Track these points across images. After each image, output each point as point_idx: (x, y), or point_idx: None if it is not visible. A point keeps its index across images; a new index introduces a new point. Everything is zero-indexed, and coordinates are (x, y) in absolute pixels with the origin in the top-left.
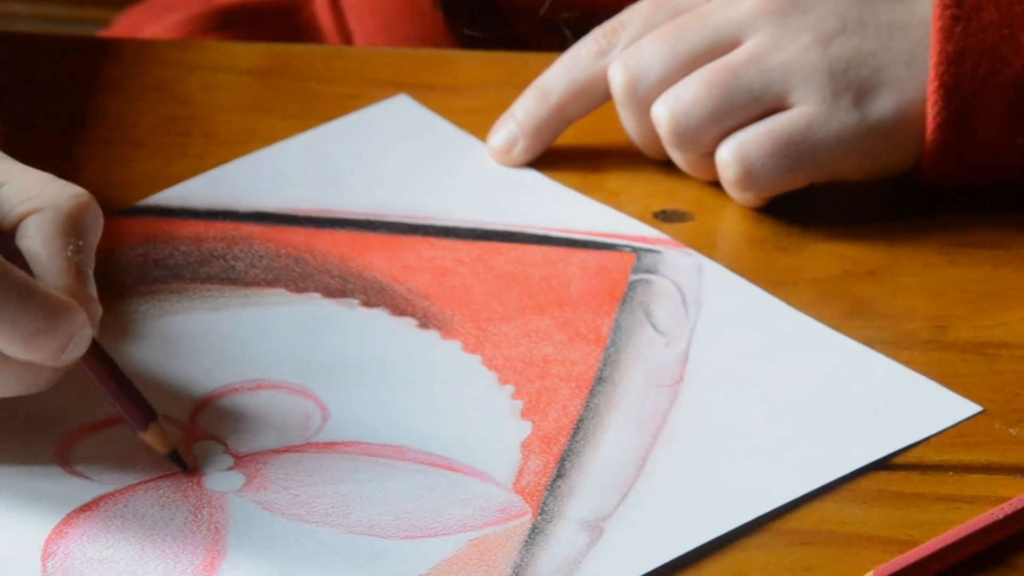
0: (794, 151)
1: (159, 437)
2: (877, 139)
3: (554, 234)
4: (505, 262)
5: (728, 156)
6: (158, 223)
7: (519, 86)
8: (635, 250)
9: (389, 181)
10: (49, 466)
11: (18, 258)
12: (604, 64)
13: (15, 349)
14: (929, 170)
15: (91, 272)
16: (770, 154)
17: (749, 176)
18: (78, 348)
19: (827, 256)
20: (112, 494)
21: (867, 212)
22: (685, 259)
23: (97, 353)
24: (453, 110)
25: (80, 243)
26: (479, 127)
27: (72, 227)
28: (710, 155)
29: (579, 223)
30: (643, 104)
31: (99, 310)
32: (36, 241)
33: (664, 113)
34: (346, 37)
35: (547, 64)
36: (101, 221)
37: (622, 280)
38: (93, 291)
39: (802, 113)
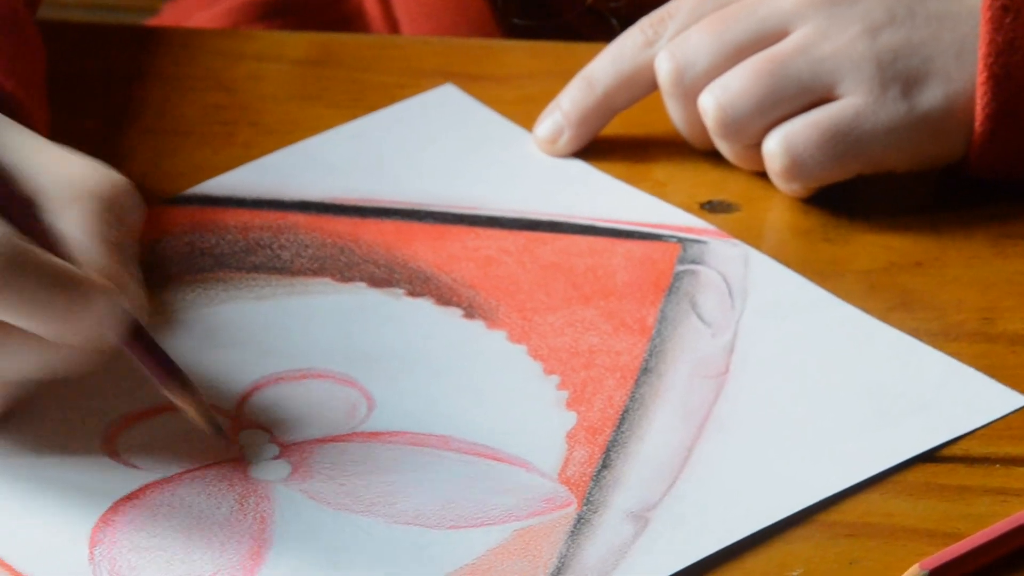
0: (841, 142)
1: (200, 413)
2: (925, 130)
3: (600, 224)
4: (551, 252)
5: (775, 147)
6: (204, 212)
7: (566, 76)
8: (681, 241)
9: (435, 171)
10: (96, 455)
11: (58, 243)
12: (650, 54)
13: (46, 331)
14: (977, 161)
15: (134, 256)
16: (817, 145)
17: (796, 167)
18: (114, 329)
19: (874, 247)
20: (159, 482)
21: (914, 203)
22: (731, 250)
23: (144, 339)
24: (499, 100)
25: (120, 228)
26: (525, 117)
27: (112, 211)
28: (756, 146)
29: (625, 213)
30: (690, 94)
31: (142, 294)
32: (76, 226)
33: (711, 103)
34: (393, 26)
35: (594, 54)
36: (142, 207)
37: (668, 270)
38: (136, 274)
39: (850, 104)
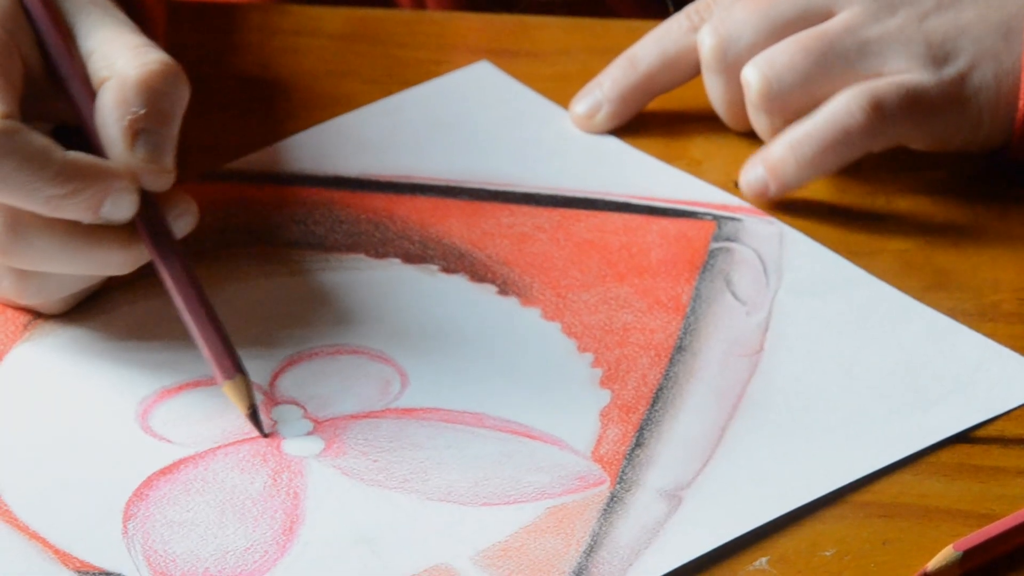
0: (920, 106)
1: (242, 392)
2: (974, 111)
3: (634, 201)
4: (585, 229)
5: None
6: (239, 188)
7: (601, 52)
8: (716, 218)
9: (470, 147)
10: (130, 429)
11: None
12: (695, 38)
13: (42, 211)
14: (1020, 143)
15: (160, 139)
16: (902, 105)
17: (884, 123)
18: (119, 209)
19: (910, 226)
20: (192, 457)
21: (951, 182)
22: (767, 227)
23: (194, 291)
24: (535, 76)
25: (143, 111)
26: (560, 94)
27: (135, 95)
28: (792, 123)
29: (660, 191)
30: (732, 69)
31: (167, 179)
32: (101, 112)
33: (755, 76)
34: (420, 1)
35: (629, 31)
36: (181, 87)
37: (702, 248)
38: (159, 157)
39: (913, 76)
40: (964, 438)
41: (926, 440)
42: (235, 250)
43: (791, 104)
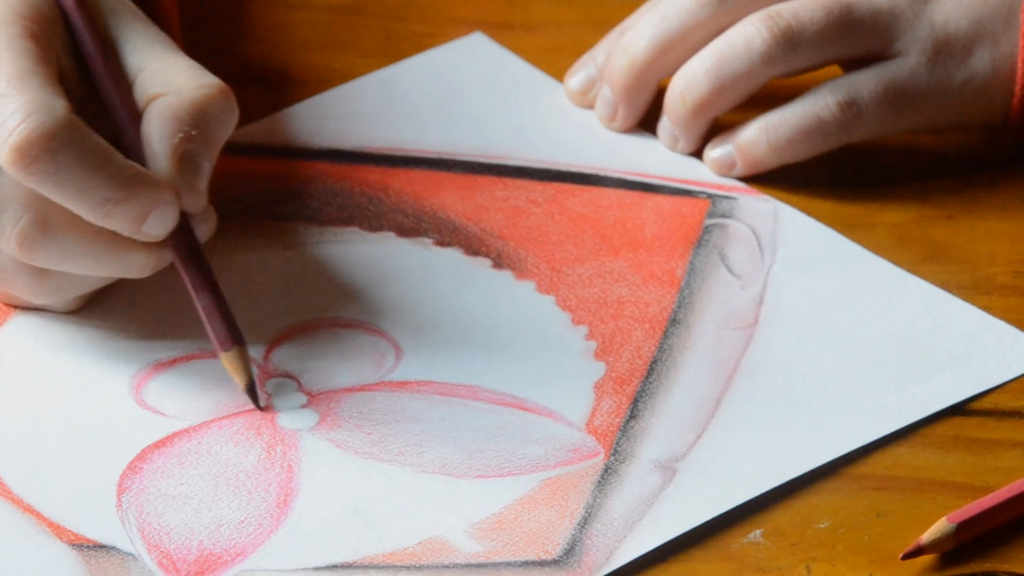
0: (899, 98)
1: (240, 364)
2: (970, 93)
3: (629, 178)
4: (579, 204)
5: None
6: (234, 161)
7: (595, 25)
8: (710, 196)
9: (464, 120)
10: (124, 402)
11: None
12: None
13: (91, 215)
14: (1018, 125)
15: (205, 162)
16: (878, 99)
17: (857, 117)
18: (160, 225)
19: (905, 200)
20: (186, 430)
21: (945, 155)
22: (761, 205)
23: (197, 260)
24: (529, 49)
25: (194, 132)
26: (555, 67)
27: (190, 115)
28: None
29: (654, 168)
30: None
31: (201, 202)
32: (150, 125)
33: (779, 20)
34: None
35: (624, 3)
36: (232, 114)
37: (697, 224)
38: (198, 181)
39: (905, 63)
40: (959, 410)
41: (921, 412)
42: (229, 223)
43: (803, 55)
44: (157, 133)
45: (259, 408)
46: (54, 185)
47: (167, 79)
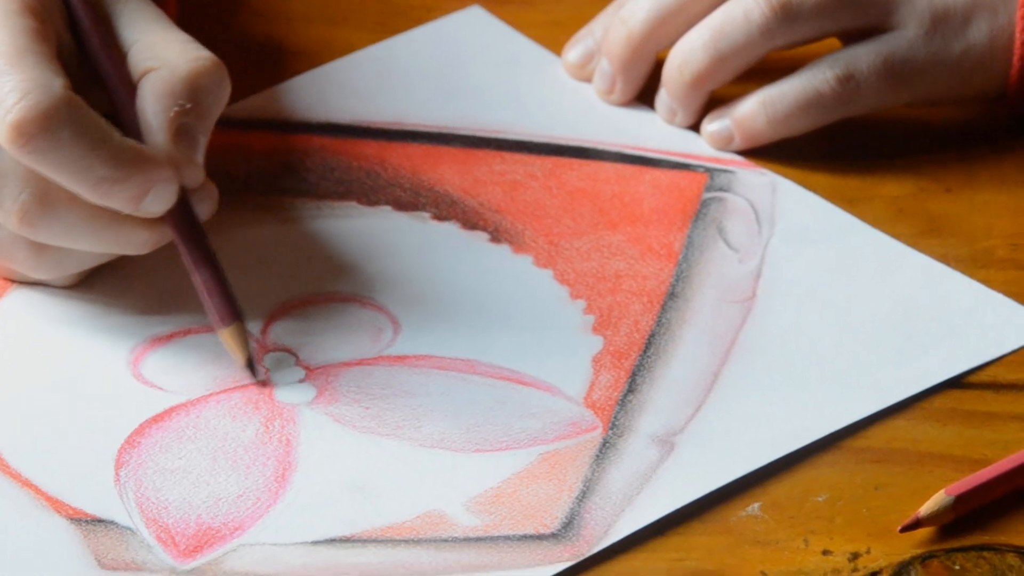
0: (897, 71)
1: (238, 340)
2: (968, 64)
3: (627, 151)
4: (577, 178)
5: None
6: (232, 135)
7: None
8: (708, 170)
9: (461, 94)
10: (122, 376)
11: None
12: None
13: (89, 194)
14: (1016, 95)
15: (200, 136)
16: (877, 71)
17: (854, 90)
18: (159, 202)
19: (903, 173)
20: (184, 404)
21: (943, 128)
22: (759, 178)
23: (196, 236)
24: (527, 22)
25: (189, 105)
26: (553, 40)
27: (184, 88)
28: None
29: (653, 142)
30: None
31: (199, 175)
32: (145, 100)
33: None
34: None
35: None
36: (225, 87)
37: (695, 198)
38: (195, 154)
39: (903, 36)
40: (957, 384)
41: (919, 386)
42: (226, 197)
43: (803, 25)
44: (152, 108)
45: (257, 382)
46: (52, 164)
47: (159, 53)
